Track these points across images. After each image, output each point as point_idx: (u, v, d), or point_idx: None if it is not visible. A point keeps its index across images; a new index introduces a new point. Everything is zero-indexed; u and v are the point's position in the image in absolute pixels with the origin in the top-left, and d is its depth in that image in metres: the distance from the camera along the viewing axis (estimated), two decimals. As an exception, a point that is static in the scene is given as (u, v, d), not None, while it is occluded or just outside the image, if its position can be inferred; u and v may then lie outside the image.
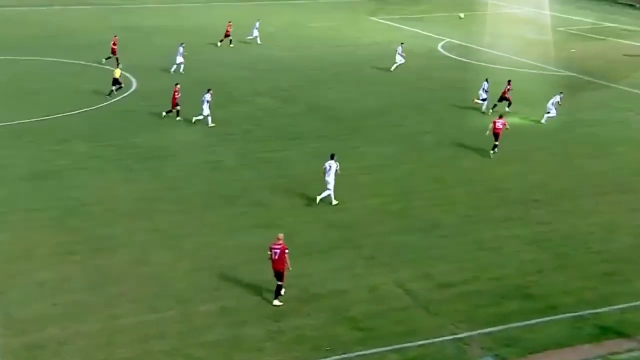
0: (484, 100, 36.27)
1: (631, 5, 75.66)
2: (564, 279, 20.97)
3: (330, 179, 24.89)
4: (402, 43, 46.44)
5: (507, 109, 35.84)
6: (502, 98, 36.14)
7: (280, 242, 19.01)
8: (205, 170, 28.18)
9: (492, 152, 30.12)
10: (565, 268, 21.62)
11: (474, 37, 56.45)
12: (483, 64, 47.60)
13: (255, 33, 50.51)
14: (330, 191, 24.95)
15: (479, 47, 52.63)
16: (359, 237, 23.19)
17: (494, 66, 47.30)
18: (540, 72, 45.87)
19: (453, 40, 54.18)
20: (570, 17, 67.87)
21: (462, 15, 53.79)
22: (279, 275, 19.15)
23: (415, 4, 73.62)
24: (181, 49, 41.81)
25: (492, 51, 51.62)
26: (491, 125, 30.37)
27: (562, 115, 36.59)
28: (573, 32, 60.49)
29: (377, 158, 29.78)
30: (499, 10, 71.70)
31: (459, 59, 49.02)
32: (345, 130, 33.42)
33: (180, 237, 22.80)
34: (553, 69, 46.58)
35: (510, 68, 46.83)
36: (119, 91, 37.02)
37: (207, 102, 32.53)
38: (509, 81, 36.55)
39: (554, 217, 24.94)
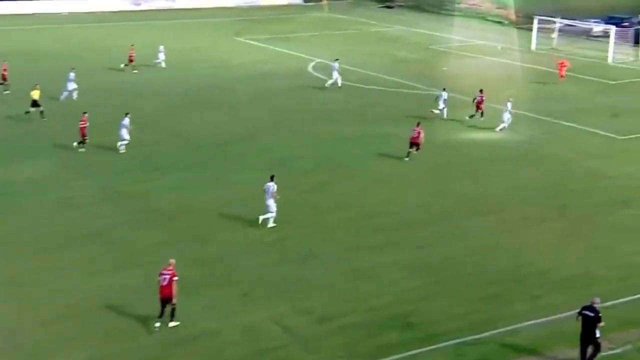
0: (441, 110, 39.97)
1: (499, 22, 79.93)
2: (445, 305, 21.54)
3: (270, 202, 25.77)
4: (337, 59, 47.99)
5: (480, 118, 38.94)
6: (477, 108, 39.47)
7: (171, 268, 19.70)
8: (62, 207, 27.19)
9: (406, 158, 33.19)
10: (446, 293, 22.22)
11: (345, 57, 57.68)
12: (355, 84, 48.71)
13: (162, 57, 50.78)
14: (272, 214, 25.85)
15: (350, 67, 53.77)
16: (231, 271, 22.95)
17: (367, 86, 48.49)
18: (413, 91, 47.42)
19: (324, 61, 55.13)
20: (441, 34, 70.72)
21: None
22: (167, 301, 19.51)
23: (282, 23, 74.57)
24: (72, 75, 41.78)
25: (363, 71, 52.88)
26: (411, 134, 33.36)
27: (439, 135, 37.94)
28: (444, 50, 63.08)
29: (247, 186, 29.70)
30: (369, 29, 73.78)
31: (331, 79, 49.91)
32: (213, 158, 33.19)
33: (32, 283, 21.74)
34: (426, 87, 48.27)
35: (382, 88, 48.14)
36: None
37: (126, 127, 33.08)
38: (481, 90, 40.02)
39: (434, 241, 25.65)
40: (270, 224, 26.02)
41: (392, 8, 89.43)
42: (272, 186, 26.09)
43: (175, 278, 19.50)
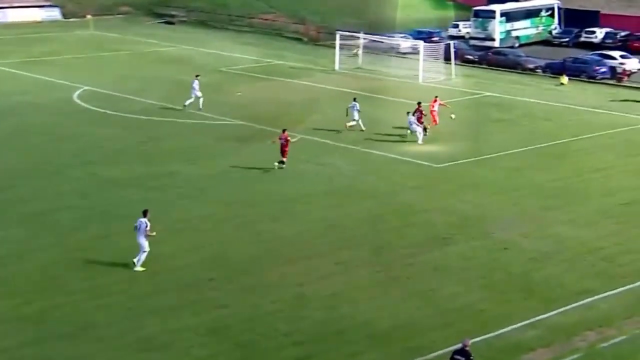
0: (357, 121, 44.63)
1: (298, 39, 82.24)
2: (250, 374, 21.40)
3: (142, 240, 26.84)
4: (197, 75, 50.23)
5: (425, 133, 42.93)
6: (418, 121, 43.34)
7: None
8: None
9: (277, 164, 37.51)
10: (247, 359, 22.12)
11: (118, 83, 56.79)
12: (135, 115, 48.00)
13: None
14: (144, 253, 26.81)
15: (125, 95, 53.03)
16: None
17: (148, 118, 47.92)
18: (203, 121, 47.47)
19: (93, 88, 53.96)
20: (232, 54, 71.60)
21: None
22: None
23: (39, 43, 72.27)
24: None
25: (142, 99, 52.29)
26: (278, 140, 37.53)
27: (233, 172, 38.13)
28: (237, 72, 63.83)
29: None
30: (148, 49, 73.25)
31: (102, 110, 48.96)
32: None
33: None
34: (217, 117, 48.50)
35: (166, 119, 47.78)
36: None
37: None
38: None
39: (234, 298, 25.51)
40: (138, 266, 26.78)
41: (174, 24, 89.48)
42: (145, 222, 26.88)
43: None
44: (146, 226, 26.96)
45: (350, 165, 39.58)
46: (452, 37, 77.21)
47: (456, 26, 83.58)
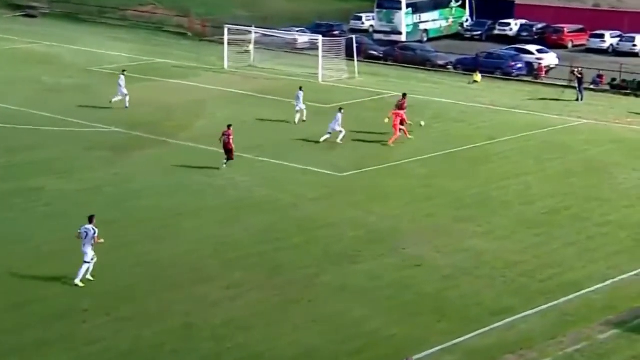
0: (301, 109, 48.24)
1: (182, 34, 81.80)
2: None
3: (88, 249, 27.33)
4: (123, 71, 51.72)
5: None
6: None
7: None
8: None
9: (224, 163, 39.58)
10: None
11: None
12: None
13: None
14: (88, 264, 27.35)
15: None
16: None
17: (7, 126, 46.89)
18: (72, 129, 46.68)
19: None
20: (104, 52, 70.67)
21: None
22: None
23: None
24: None
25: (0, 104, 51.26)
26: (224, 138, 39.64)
27: (108, 186, 37.60)
28: (110, 72, 62.95)
29: None
30: (3, 46, 71.74)
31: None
32: None
33: None
34: (88, 123, 47.78)
35: (29, 127, 46.86)
36: None
37: None
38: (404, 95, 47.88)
39: (111, 331, 25.09)
40: (78, 280, 27.33)
41: (35, 17, 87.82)
42: (92, 230, 27.31)
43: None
44: (94, 233, 27.35)
45: (243, 175, 39.51)
46: (354, 31, 78.11)
47: (359, 19, 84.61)
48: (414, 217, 34.67)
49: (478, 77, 62.57)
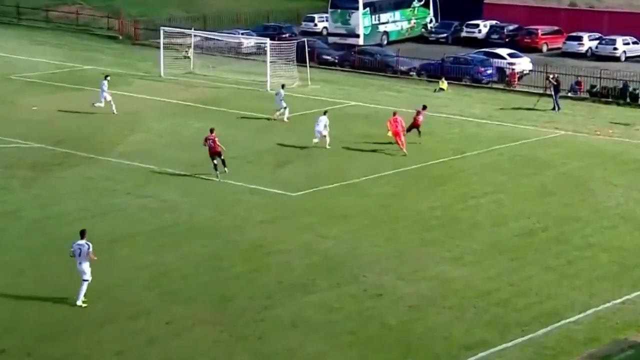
0: (284, 109, 51.53)
1: (113, 38, 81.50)
2: None
3: (85, 266, 28.36)
4: (107, 76, 54.18)
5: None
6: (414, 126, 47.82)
7: None
8: None
9: (217, 173, 41.44)
10: None
11: None
12: None
13: None
14: (87, 281, 28.42)
15: None
16: None
17: None
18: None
19: None
20: (25, 58, 70.18)
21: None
22: None
23: None
24: None
25: None
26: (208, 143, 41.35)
27: (27, 210, 37.23)
28: (32, 80, 62.54)
29: None
30: None
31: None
32: None
33: None
34: (5, 138, 47.40)
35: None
36: None
37: None
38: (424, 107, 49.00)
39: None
40: (80, 301, 28.39)
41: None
42: (86, 245, 28.27)
43: None
44: (89, 248, 28.26)
45: (183, 196, 39.36)
46: (306, 34, 78.41)
47: (311, 20, 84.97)
48: (375, 241, 34.68)
49: (444, 84, 63.03)
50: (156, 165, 43.48)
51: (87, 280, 28.60)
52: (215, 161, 41.54)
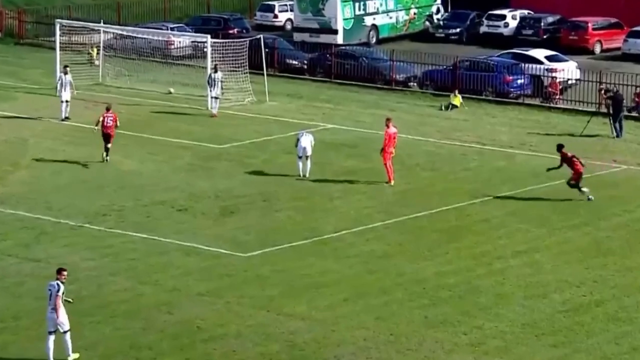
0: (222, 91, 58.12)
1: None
2: None
3: (56, 314, 30.35)
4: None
5: None
6: None
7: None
8: None
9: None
10: None
11: None
12: None
13: None
14: (69, 331, 30.62)
15: None
16: None
17: None
18: None
19: None
20: None
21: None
22: None
23: None
24: None
25: None
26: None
27: None
28: None
29: None
30: None
31: None
32: None
33: None
34: None
35: None
36: None
37: None
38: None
39: None
40: (71, 358, 30.57)
41: None
42: (55, 286, 30.60)
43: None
44: (58, 290, 30.51)
45: (87, 259, 39.20)
46: (262, 28, 78.49)
47: (269, 9, 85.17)
48: (359, 322, 34.52)
49: (457, 99, 63.14)
50: (48, 214, 43.28)
51: (68, 331, 30.66)
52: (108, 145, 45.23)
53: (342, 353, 32.33)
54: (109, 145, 49.71)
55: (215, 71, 58.21)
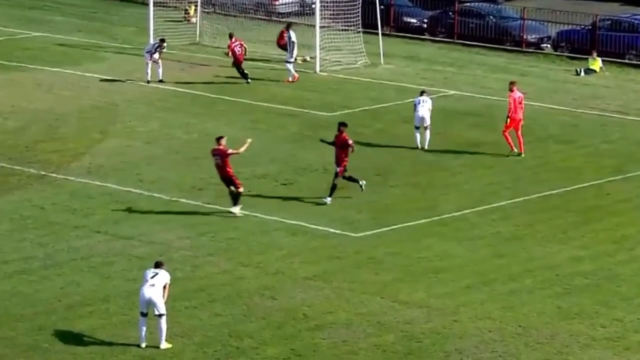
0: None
1: None
2: None
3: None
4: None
5: None
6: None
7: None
8: None
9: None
10: None
11: None
12: None
13: None
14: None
15: None
16: None
17: None
18: None
19: None
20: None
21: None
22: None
23: None
24: None
25: None
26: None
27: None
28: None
29: None
30: None
31: None
32: None
33: None
34: None
35: None
36: None
37: None
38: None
39: None
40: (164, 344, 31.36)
41: None
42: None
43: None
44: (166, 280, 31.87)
45: (181, 237, 39.56)
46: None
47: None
48: (483, 312, 34.49)
49: (596, 63, 62.76)
50: (140, 188, 43.69)
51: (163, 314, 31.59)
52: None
53: (465, 346, 32.36)
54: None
55: (288, 30, 58.82)
